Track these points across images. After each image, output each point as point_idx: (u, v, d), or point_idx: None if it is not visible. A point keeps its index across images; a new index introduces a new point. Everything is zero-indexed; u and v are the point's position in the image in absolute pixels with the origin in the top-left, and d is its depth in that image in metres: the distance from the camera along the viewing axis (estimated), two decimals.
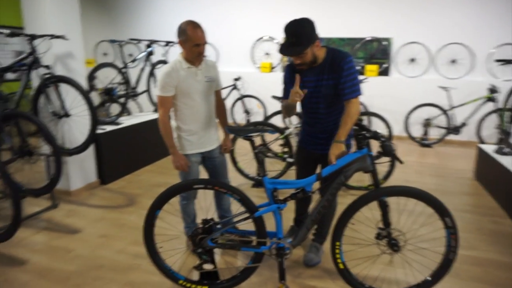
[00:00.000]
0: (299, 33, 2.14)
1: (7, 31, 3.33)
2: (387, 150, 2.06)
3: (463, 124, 6.21)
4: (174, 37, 2.46)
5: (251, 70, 7.75)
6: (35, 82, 3.63)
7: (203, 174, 2.72)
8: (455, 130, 6.25)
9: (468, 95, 6.38)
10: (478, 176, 4.58)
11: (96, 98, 4.75)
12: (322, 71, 2.28)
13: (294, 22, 2.16)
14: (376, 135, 2.10)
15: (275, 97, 4.64)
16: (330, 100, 2.34)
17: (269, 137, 4.66)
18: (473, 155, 5.56)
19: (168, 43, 5.73)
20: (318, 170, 2.62)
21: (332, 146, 2.18)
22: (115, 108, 5.06)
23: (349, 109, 2.22)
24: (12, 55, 7.31)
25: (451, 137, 6.51)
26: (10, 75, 3.71)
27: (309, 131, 2.54)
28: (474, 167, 4.73)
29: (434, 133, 6.53)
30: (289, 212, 2.96)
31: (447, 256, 2.16)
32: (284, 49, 2.20)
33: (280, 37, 7.46)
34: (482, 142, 6.04)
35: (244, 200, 2.17)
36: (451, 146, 6.44)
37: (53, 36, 3.46)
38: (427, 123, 6.47)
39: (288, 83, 2.44)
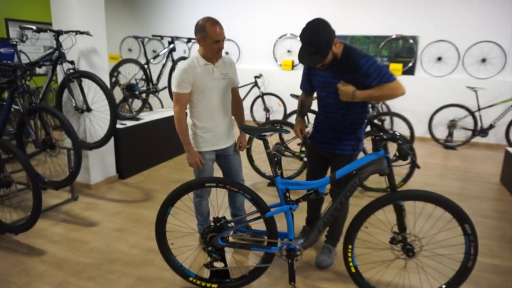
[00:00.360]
0: (317, 41, 2.07)
1: (34, 27, 3.43)
2: (403, 154, 1.99)
3: (491, 126, 5.98)
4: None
5: (273, 67, 7.71)
6: (61, 77, 3.73)
7: (218, 172, 2.72)
8: (483, 132, 6.02)
9: (498, 96, 6.14)
10: (504, 181, 4.39)
11: (119, 93, 4.85)
12: (338, 69, 2.24)
13: (310, 30, 2.09)
14: (393, 137, 2.03)
15: (293, 96, 4.59)
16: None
17: (287, 135, 4.62)
18: (500, 159, 5.35)
19: (190, 39, 5.77)
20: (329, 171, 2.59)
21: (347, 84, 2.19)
22: (137, 104, 5.14)
23: (387, 85, 2.14)
24: (43, 50, 7.57)
25: (478, 139, 6.28)
26: (39, 70, 3.82)
27: (319, 127, 2.54)
28: (501, 171, 4.55)
29: (460, 135, 6.32)
30: (302, 212, 2.93)
31: (466, 264, 2.08)
32: (303, 58, 2.15)
33: None
34: (511, 145, 5.80)
35: (255, 199, 2.15)
36: (477, 148, 6.21)
37: (78, 32, 3.54)
38: (452, 125, 6.25)
39: (305, 77, 2.54)
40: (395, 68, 6.71)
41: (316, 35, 2.07)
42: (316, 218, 2.85)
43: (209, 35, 2.36)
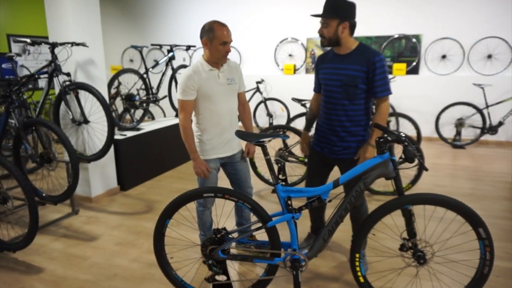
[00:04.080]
0: (332, 3, 2.24)
1: (28, 40, 3.39)
2: (410, 155, 1.88)
3: (500, 123, 5.82)
4: (195, 42, 2.41)
5: (274, 72, 7.64)
6: (57, 89, 3.68)
7: (226, 181, 2.63)
8: (492, 129, 5.86)
9: (506, 92, 5.99)
10: None
11: (121, 104, 4.80)
12: (349, 61, 2.29)
13: None
14: (399, 139, 1.93)
15: (294, 99, 4.50)
16: (351, 92, 2.28)
17: (291, 140, 4.52)
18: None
19: (189, 47, 5.71)
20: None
21: (365, 148, 2.27)
22: (139, 114, 5.08)
23: (380, 108, 2.29)
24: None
25: (487, 137, 6.12)
26: (41, 84, 3.77)
27: (321, 131, 2.47)
28: None
29: (468, 134, 6.17)
30: (306, 219, 2.82)
31: (481, 270, 1.96)
32: (314, 13, 2.33)
33: (304, 38, 7.31)
34: None
35: (256, 209, 2.06)
36: (487, 147, 6.05)
37: (73, 44, 3.49)
38: (459, 123, 6.10)
39: (316, 75, 2.56)
40: (399, 68, 6.59)
41: (338, 0, 2.23)
42: (321, 225, 2.76)
43: (217, 36, 2.30)
